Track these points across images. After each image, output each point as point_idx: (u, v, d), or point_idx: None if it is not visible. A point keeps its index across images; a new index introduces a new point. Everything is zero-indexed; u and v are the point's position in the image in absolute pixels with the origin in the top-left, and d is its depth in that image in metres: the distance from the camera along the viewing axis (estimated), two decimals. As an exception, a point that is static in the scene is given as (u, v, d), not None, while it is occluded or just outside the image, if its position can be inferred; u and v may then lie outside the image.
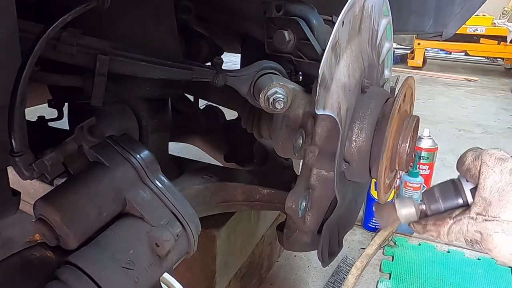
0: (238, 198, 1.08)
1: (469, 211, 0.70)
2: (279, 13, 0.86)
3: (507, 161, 0.68)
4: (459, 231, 0.72)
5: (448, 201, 0.76)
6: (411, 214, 0.79)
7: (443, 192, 0.77)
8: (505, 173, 0.67)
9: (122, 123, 0.88)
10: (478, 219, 0.69)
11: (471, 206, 0.71)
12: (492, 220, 0.67)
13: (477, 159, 0.70)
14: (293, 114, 0.82)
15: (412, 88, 0.88)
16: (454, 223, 0.72)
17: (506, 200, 0.66)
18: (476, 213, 0.69)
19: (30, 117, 0.81)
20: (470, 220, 0.70)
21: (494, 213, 0.67)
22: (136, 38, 0.86)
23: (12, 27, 0.50)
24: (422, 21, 1.57)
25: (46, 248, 0.62)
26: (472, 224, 0.70)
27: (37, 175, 0.57)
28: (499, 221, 0.67)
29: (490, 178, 0.68)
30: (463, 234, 0.72)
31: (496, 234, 0.67)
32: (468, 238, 0.72)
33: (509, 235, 0.66)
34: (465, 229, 0.71)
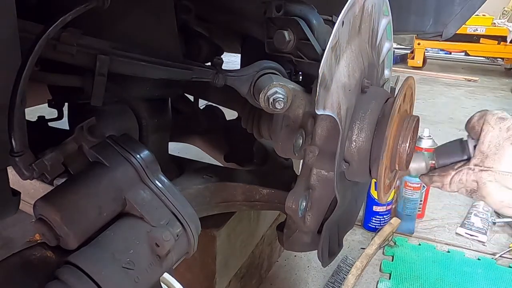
0: (238, 198, 1.08)
1: (468, 163, 0.80)
2: (279, 13, 0.86)
3: (506, 120, 0.77)
4: (459, 180, 0.81)
5: (454, 156, 0.84)
6: (420, 168, 0.88)
7: (451, 149, 0.85)
8: (503, 130, 0.76)
9: (122, 123, 0.88)
10: (475, 169, 0.78)
11: (471, 159, 0.80)
12: (487, 170, 0.77)
13: (481, 118, 0.79)
14: (293, 114, 0.82)
15: (412, 88, 0.88)
16: (456, 174, 0.81)
17: (501, 154, 0.76)
18: (474, 164, 0.79)
19: (30, 117, 0.81)
20: (469, 170, 0.79)
21: (489, 164, 0.77)
22: (136, 38, 0.86)
23: (12, 27, 0.50)
24: (422, 21, 1.57)
25: (46, 248, 0.62)
26: (470, 174, 0.79)
27: (37, 175, 0.57)
28: (492, 171, 0.76)
29: (489, 135, 0.77)
30: (463, 184, 0.81)
31: (490, 182, 0.76)
32: (468, 187, 0.81)
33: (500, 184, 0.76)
34: (464, 178, 0.80)
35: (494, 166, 0.76)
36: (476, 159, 0.79)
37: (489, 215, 2.02)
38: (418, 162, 0.88)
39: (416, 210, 1.94)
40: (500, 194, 0.76)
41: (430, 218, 2.07)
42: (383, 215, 1.91)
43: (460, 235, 1.92)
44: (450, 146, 0.87)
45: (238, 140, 1.38)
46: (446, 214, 2.12)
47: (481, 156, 0.78)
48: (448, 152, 0.86)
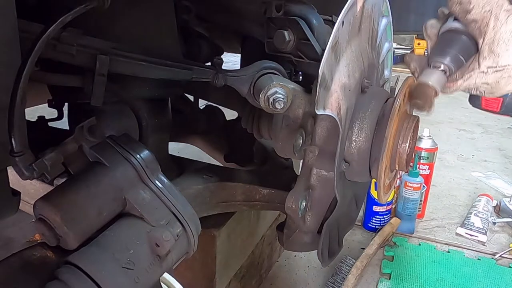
0: (238, 198, 1.08)
1: (478, 65, 0.73)
2: (279, 13, 0.86)
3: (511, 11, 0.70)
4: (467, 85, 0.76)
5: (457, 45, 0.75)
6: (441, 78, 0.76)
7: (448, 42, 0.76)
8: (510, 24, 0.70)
9: (122, 123, 0.88)
10: (489, 71, 0.73)
11: (480, 60, 0.73)
12: (502, 70, 0.72)
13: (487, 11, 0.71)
14: (293, 114, 0.82)
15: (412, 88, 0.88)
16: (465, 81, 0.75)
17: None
18: (487, 67, 0.73)
19: (30, 117, 0.81)
20: (481, 74, 0.74)
21: (504, 62, 0.72)
22: (136, 38, 0.86)
23: (12, 27, 0.50)
24: (422, 21, 1.57)
25: (46, 248, 0.62)
26: (481, 77, 0.74)
27: (37, 175, 0.57)
28: (508, 68, 0.72)
29: (499, 32, 0.70)
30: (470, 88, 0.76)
31: (503, 79, 0.73)
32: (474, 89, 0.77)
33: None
34: (473, 82, 0.75)
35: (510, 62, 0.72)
36: (487, 60, 0.72)
37: (489, 215, 2.02)
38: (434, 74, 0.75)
39: (416, 210, 1.94)
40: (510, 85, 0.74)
41: (430, 218, 2.07)
42: (383, 215, 1.91)
43: (460, 235, 1.92)
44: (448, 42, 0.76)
45: (238, 140, 1.38)
46: (446, 214, 2.12)
47: (492, 56, 0.72)
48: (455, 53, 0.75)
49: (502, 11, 0.70)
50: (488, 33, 0.71)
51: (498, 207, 2.12)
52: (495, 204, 2.13)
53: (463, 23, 0.74)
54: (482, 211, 2.04)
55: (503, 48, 0.71)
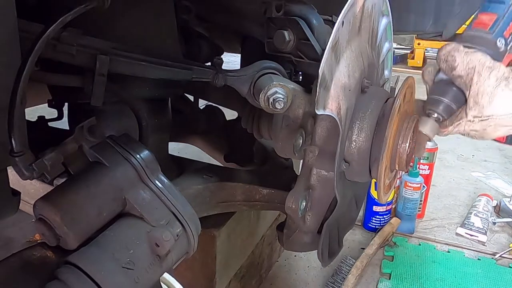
0: (238, 198, 1.08)
1: (465, 115, 0.83)
2: (279, 13, 0.86)
3: (494, 69, 0.79)
4: (457, 131, 0.86)
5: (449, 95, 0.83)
6: (434, 127, 0.86)
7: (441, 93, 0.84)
8: (492, 79, 0.79)
9: (122, 123, 0.88)
10: (475, 120, 0.82)
11: (467, 110, 0.82)
12: (487, 119, 0.81)
13: (471, 68, 0.80)
14: (293, 114, 0.82)
15: (412, 88, 0.88)
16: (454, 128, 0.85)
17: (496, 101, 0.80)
18: (473, 116, 0.82)
19: (30, 117, 0.81)
20: (468, 122, 0.83)
21: (488, 113, 0.81)
22: (136, 38, 0.86)
23: (12, 27, 0.50)
24: (422, 21, 1.57)
25: (46, 248, 0.62)
26: (469, 125, 0.83)
27: (37, 175, 0.57)
28: (492, 118, 0.81)
29: (482, 86, 0.79)
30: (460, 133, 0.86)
31: (490, 127, 0.82)
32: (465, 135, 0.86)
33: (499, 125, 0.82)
34: (462, 129, 0.85)
35: (493, 113, 0.80)
36: (473, 111, 0.81)
37: (489, 215, 2.02)
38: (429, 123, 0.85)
39: (416, 210, 1.94)
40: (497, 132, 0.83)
41: (430, 218, 2.07)
42: (383, 215, 1.91)
43: (460, 235, 1.92)
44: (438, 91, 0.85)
45: (238, 140, 1.38)
46: (446, 214, 2.12)
47: (477, 107, 0.81)
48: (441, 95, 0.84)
49: (485, 67, 0.79)
50: (472, 87, 0.80)
51: (498, 207, 2.12)
52: (495, 204, 2.13)
53: (450, 78, 0.83)
54: (482, 211, 2.04)
55: (486, 100, 0.80)
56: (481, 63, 0.79)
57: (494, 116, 0.80)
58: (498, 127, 0.82)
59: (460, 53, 0.80)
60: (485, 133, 0.84)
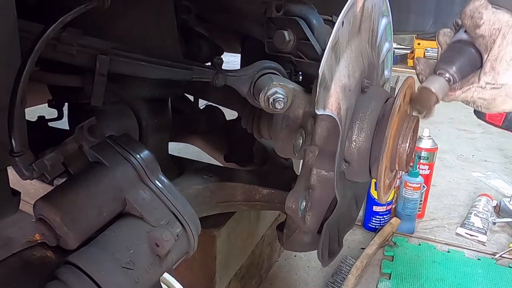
0: (238, 198, 1.08)
1: (478, 80, 0.75)
2: (279, 13, 0.86)
3: None
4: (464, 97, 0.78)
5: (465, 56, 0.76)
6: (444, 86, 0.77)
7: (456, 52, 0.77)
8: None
9: (122, 123, 0.88)
10: (487, 87, 0.75)
11: (480, 75, 0.75)
12: (500, 87, 0.74)
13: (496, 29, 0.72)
14: (293, 114, 0.82)
15: (412, 88, 0.88)
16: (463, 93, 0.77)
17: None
18: (486, 82, 0.75)
19: (30, 117, 0.81)
20: (478, 88, 0.76)
21: (502, 81, 0.74)
22: (136, 38, 0.86)
23: (12, 27, 0.50)
24: (422, 21, 1.57)
25: (46, 248, 0.62)
26: (479, 92, 0.76)
27: (37, 175, 0.57)
28: (505, 87, 0.74)
29: (503, 50, 0.72)
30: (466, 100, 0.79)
31: (500, 97, 0.75)
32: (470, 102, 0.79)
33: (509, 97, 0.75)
34: (470, 95, 0.77)
35: (507, 82, 0.74)
36: (487, 76, 0.75)
37: (489, 215, 2.02)
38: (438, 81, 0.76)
39: (416, 210, 1.94)
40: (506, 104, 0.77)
41: (430, 218, 2.07)
42: (383, 215, 1.91)
43: (460, 235, 1.92)
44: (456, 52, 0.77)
45: (238, 140, 1.38)
46: (446, 214, 2.12)
47: (492, 73, 0.74)
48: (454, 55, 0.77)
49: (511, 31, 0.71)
50: (493, 50, 0.73)
51: (498, 207, 2.12)
52: (495, 204, 2.13)
53: (472, 37, 0.76)
54: (482, 211, 2.04)
55: (504, 66, 0.73)
56: (509, 25, 0.72)
57: (508, 86, 0.73)
58: (508, 99, 0.75)
59: (488, 11, 0.73)
60: (493, 104, 0.77)
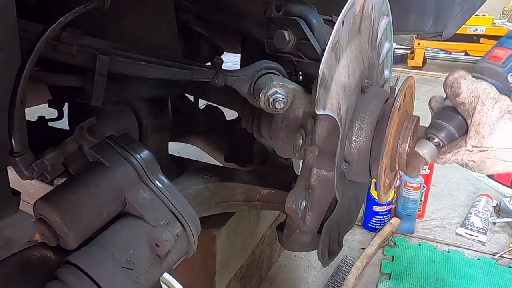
0: (238, 198, 1.08)
1: (465, 144, 0.81)
2: (279, 13, 0.86)
3: (499, 101, 0.78)
4: (455, 160, 0.84)
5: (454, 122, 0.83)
6: (433, 151, 0.83)
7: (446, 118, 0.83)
8: (496, 111, 0.78)
9: (122, 123, 0.88)
10: (474, 150, 0.80)
11: (467, 139, 0.81)
12: (486, 150, 0.80)
13: (475, 97, 0.79)
14: (293, 114, 0.82)
15: (412, 88, 0.88)
16: (452, 156, 0.83)
17: (498, 133, 0.78)
18: (472, 146, 0.80)
19: (30, 117, 0.81)
20: (466, 151, 0.81)
21: (487, 144, 0.79)
22: (136, 38, 0.86)
23: (12, 27, 0.50)
24: (422, 21, 1.57)
25: (46, 248, 0.62)
26: (467, 155, 0.81)
27: (37, 175, 0.57)
28: (491, 150, 0.79)
29: (484, 116, 0.78)
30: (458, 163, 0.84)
31: (489, 159, 0.80)
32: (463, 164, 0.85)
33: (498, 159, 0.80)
34: (460, 158, 0.83)
35: (493, 145, 0.79)
36: (473, 140, 0.80)
37: (489, 215, 2.02)
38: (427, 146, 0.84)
39: (416, 210, 1.94)
40: (496, 166, 0.81)
41: (430, 218, 2.07)
42: (383, 215, 1.91)
43: (460, 235, 1.92)
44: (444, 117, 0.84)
45: (238, 140, 1.38)
46: (446, 214, 2.12)
47: (477, 137, 0.79)
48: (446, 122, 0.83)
49: (489, 98, 0.78)
50: (474, 116, 0.79)
51: (498, 207, 2.12)
52: (495, 204, 2.13)
53: (454, 104, 0.82)
54: (482, 211, 2.04)
55: (487, 130, 0.78)
56: (486, 92, 0.78)
57: (494, 148, 0.79)
58: (497, 161, 0.80)
59: (466, 80, 0.80)
60: (483, 166, 0.82)
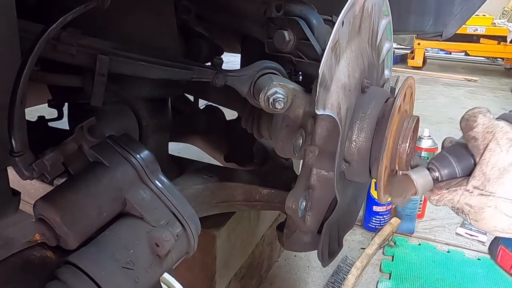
0: (238, 198, 1.08)
1: (466, 183, 0.71)
2: (279, 13, 0.86)
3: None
4: (450, 200, 0.73)
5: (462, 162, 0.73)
6: (428, 182, 0.75)
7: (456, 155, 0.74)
8: (510, 154, 0.68)
9: (122, 123, 0.88)
10: (474, 192, 0.70)
11: (469, 179, 0.71)
12: (488, 196, 0.69)
13: (489, 133, 0.69)
14: (293, 114, 0.82)
15: (412, 88, 0.88)
16: (448, 193, 0.72)
17: (506, 179, 0.68)
18: (474, 187, 0.70)
19: (30, 117, 0.81)
20: (465, 192, 0.71)
21: (491, 189, 0.68)
22: (136, 38, 0.86)
23: (12, 27, 0.50)
24: (422, 21, 1.57)
25: (46, 248, 0.62)
26: (466, 196, 0.71)
27: (37, 175, 0.57)
28: (494, 197, 0.68)
29: (495, 156, 0.68)
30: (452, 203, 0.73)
31: (489, 208, 0.69)
32: (457, 207, 0.73)
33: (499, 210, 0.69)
34: (457, 199, 0.72)
35: (497, 192, 0.68)
36: (476, 180, 0.70)
37: (489, 215, 2.02)
38: (424, 176, 0.75)
39: (416, 210, 1.94)
40: (496, 220, 0.70)
41: (430, 218, 2.07)
42: (383, 215, 1.91)
43: (460, 235, 1.92)
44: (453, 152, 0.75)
45: (238, 140, 1.38)
46: (446, 214, 2.11)
47: (482, 178, 0.69)
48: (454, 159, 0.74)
49: (505, 138, 0.68)
50: (485, 154, 0.69)
51: (498, 207, 2.12)
52: (495, 204, 2.13)
53: (466, 139, 0.73)
54: (482, 211, 2.04)
55: (495, 174, 0.68)
56: (504, 131, 0.68)
57: (497, 196, 0.68)
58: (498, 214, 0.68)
59: (485, 116, 0.71)
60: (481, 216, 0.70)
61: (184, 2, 1.04)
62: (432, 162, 0.76)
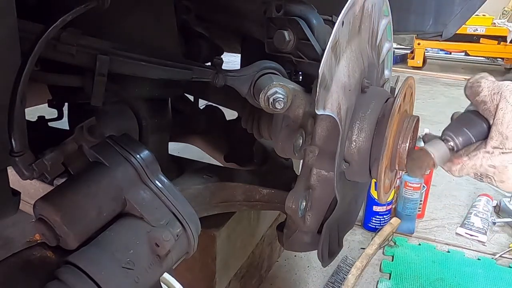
0: (238, 198, 1.08)
1: (485, 145, 0.71)
2: (279, 13, 0.86)
3: None
4: (472, 166, 0.73)
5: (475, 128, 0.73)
6: (445, 153, 0.75)
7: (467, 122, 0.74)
8: None
9: (122, 123, 0.88)
10: (495, 152, 0.70)
11: (487, 141, 0.71)
12: (509, 153, 0.69)
13: (497, 93, 0.70)
14: (293, 114, 0.82)
15: (412, 88, 0.88)
16: (469, 159, 0.73)
17: None
18: (493, 147, 0.70)
19: (30, 117, 0.81)
20: (486, 154, 0.71)
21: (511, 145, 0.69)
22: (136, 38, 0.86)
23: (12, 27, 0.50)
24: (422, 21, 1.57)
25: (46, 248, 0.62)
26: (487, 158, 0.71)
27: (37, 175, 0.57)
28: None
29: (509, 114, 0.69)
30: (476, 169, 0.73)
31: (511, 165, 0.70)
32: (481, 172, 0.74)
33: None
34: (479, 163, 0.72)
35: None
36: (494, 141, 0.70)
37: (489, 215, 2.02)
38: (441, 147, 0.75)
39: (416, 210, 1.94)
40: None
41: (430, 218, 2.07)
42: (383, 215, 1.91)
43: (460, 235, 1.92)
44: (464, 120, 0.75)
45: (238, 140, 1.38)
46: (446, 214, 2.12)
47: (500, 137, 0.70)
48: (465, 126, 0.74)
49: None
50: (497, 114, 0.70)
51: (498, 207, 2.12)
52: (495, 204, 2.13)
53: (474, 105, 0.74)
54: (482, 211, 2.04)
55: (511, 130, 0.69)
56: (509, 89, 0.69)
57: None
58: None
59: (487, 80, 0.73)
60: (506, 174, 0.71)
61: (184, 2, 1.05)
62: (445, 132, 0.76)
